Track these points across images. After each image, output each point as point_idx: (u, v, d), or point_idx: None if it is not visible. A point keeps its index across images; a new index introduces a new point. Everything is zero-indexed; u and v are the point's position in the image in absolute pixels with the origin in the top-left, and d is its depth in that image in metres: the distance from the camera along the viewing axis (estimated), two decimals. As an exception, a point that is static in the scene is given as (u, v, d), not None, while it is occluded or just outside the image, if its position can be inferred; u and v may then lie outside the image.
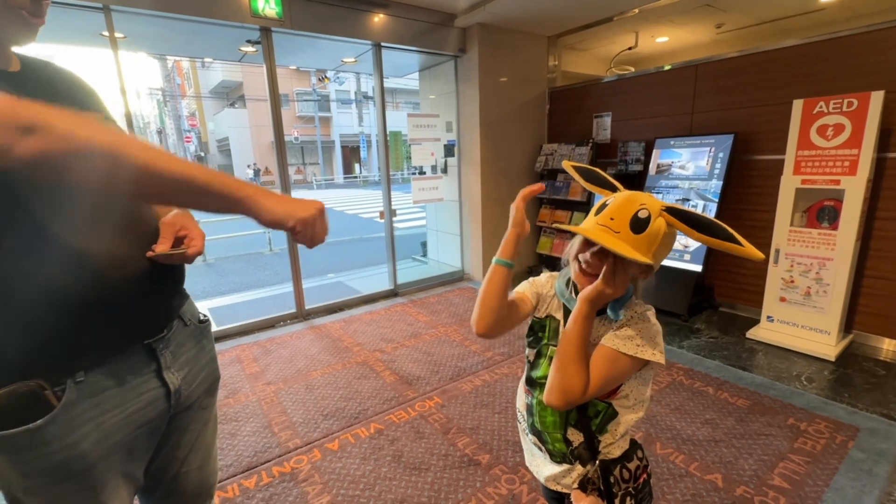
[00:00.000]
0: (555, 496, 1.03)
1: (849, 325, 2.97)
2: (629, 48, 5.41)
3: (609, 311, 0.88)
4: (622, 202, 0.82)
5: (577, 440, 0.92)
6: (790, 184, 2.91)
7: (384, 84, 4.07)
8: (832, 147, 2.74)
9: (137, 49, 4.18)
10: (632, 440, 0.96)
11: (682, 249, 3.45)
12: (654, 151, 3.76)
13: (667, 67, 3.80)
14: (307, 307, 3.85)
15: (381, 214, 4.30)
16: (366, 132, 23.62)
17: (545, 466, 0.98)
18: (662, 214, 0.80)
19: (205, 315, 1.01)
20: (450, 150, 4.66)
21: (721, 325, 3.36)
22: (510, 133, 4.57)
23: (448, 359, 2.96)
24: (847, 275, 2.74)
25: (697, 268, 3.37)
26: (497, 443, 2.09)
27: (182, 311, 0.93)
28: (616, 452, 0.92)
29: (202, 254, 0.88)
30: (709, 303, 3.68)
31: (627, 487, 0.91)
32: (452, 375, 2.73)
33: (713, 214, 3.27)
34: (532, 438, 1.01)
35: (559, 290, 0.95)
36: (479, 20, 4.07)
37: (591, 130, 4.42)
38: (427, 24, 4.05)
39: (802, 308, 2.93)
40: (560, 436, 0.93)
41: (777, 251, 3.00)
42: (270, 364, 2.96)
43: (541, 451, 0.99)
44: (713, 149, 3.41)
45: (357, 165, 25.09)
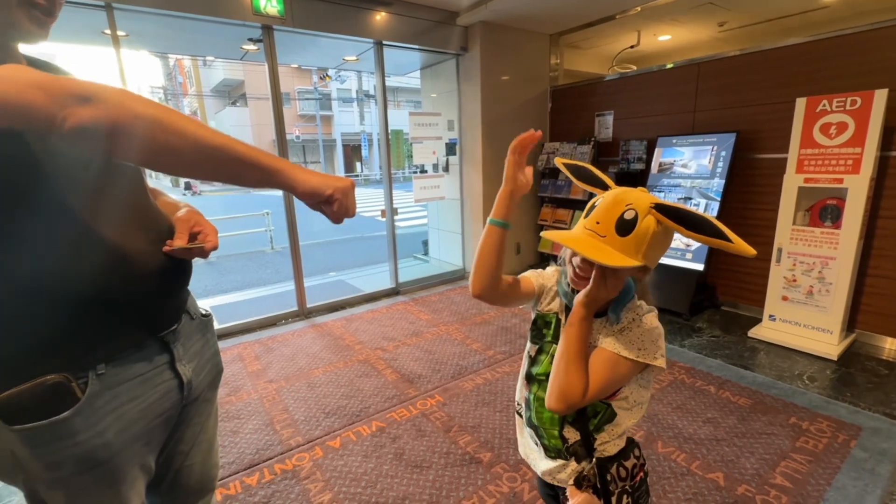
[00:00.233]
0: (549, 489, 1.03)
1: (851, 325, 2.97)
2: (631, 46, 5.40)
3: (609, 313, 0.87)
4: (608, 204, 0.81)
5: (573, 438, 0.92)
6: (793, 182, 2.90)
7: (386, 82, 4.07)
8: (835, 145, 2.73)
9: (139, 47, 4.18)
10: (629, 438, 0.96)
11: (684, 248, 3.45)
12: (656, 150, 3.75)
13: (669, 66, 3.79)
14: (309, 305, 3.86)
15: (383, 213, 4.29)
16: (367, 131, 23.58)
17: (541, 461, 0.99)
18: (651, 212, 0.78)
19: (206, 310, 1.03)
20: (451, 149, 4.65)
21: (723, 324, 3.35)
22: (512, 131, 4.44)
23: (449, 357, 2.96)
24: (850, 274, 2.73)
25: (699, 266, 3.36)
26: (498, 441, 2.09)
27: (188, 306, 0.96)
28: (612, 450, 0.92)
29: (217, 248, 0.89)
30: (711, 302, 3.67)
31: (624, 485, 0.91)
32: (454, 374, 2.74)
33: (715, 213, 3.26)
34: (529, 431, 1.01)
35: (561, 290, 0.95)
36: (481, 18, 4.06)
37: (593, 129, 4.41)
38: (429, 23, 4.04)
39: (805, 307, 2.92)
40: (556, 432, 0.93)
41: (779, 250, 2.99)
42: (272, 362, 2.96)
43: (536, 446, 1.00)
44: (715, 147, 3.40)
45: (358, 164, 25.11)
